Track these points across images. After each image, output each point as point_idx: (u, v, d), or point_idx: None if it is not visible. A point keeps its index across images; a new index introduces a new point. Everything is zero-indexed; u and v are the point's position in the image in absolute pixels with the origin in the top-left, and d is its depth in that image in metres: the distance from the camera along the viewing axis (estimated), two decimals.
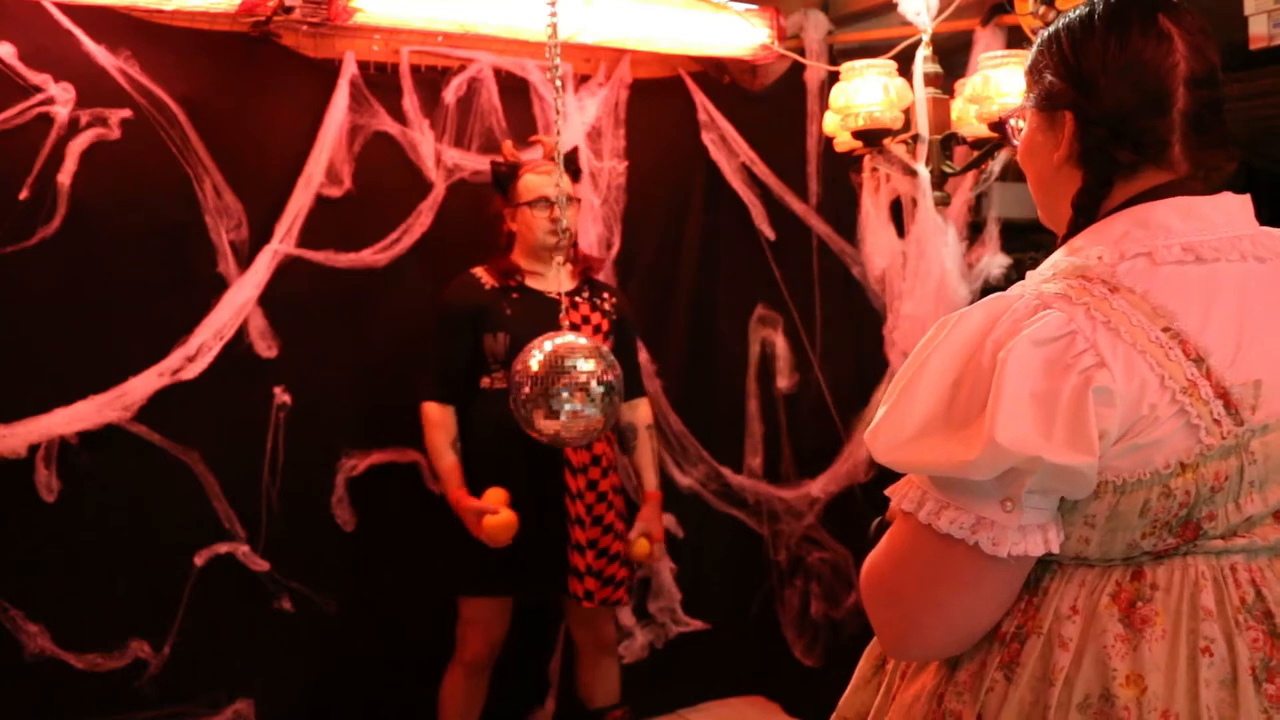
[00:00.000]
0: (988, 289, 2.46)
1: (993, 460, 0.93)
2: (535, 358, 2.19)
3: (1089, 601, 1.01)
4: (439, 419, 2.60)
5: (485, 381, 2.60)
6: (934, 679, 1.09)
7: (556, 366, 2.18)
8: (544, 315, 2.53)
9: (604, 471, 2.65)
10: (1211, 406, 0.96)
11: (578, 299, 2.66)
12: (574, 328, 2.51)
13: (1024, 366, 0.95)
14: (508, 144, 2.73)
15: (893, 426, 1.01)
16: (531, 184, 2.62)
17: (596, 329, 2.64)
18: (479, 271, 2.67)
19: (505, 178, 2.67)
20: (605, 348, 2.30)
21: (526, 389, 2.18)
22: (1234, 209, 1.07)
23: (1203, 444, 0.96)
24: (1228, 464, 0.98)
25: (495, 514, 2.47)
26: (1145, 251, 1.01)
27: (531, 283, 2.67)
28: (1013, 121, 1.21)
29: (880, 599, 1.08)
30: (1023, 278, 1.07)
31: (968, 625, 1.04)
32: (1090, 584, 1.02)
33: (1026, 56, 1.17)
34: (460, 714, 2.67)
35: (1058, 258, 1.06)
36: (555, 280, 2.63)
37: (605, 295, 2.75)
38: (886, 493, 1.07)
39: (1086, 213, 1.08)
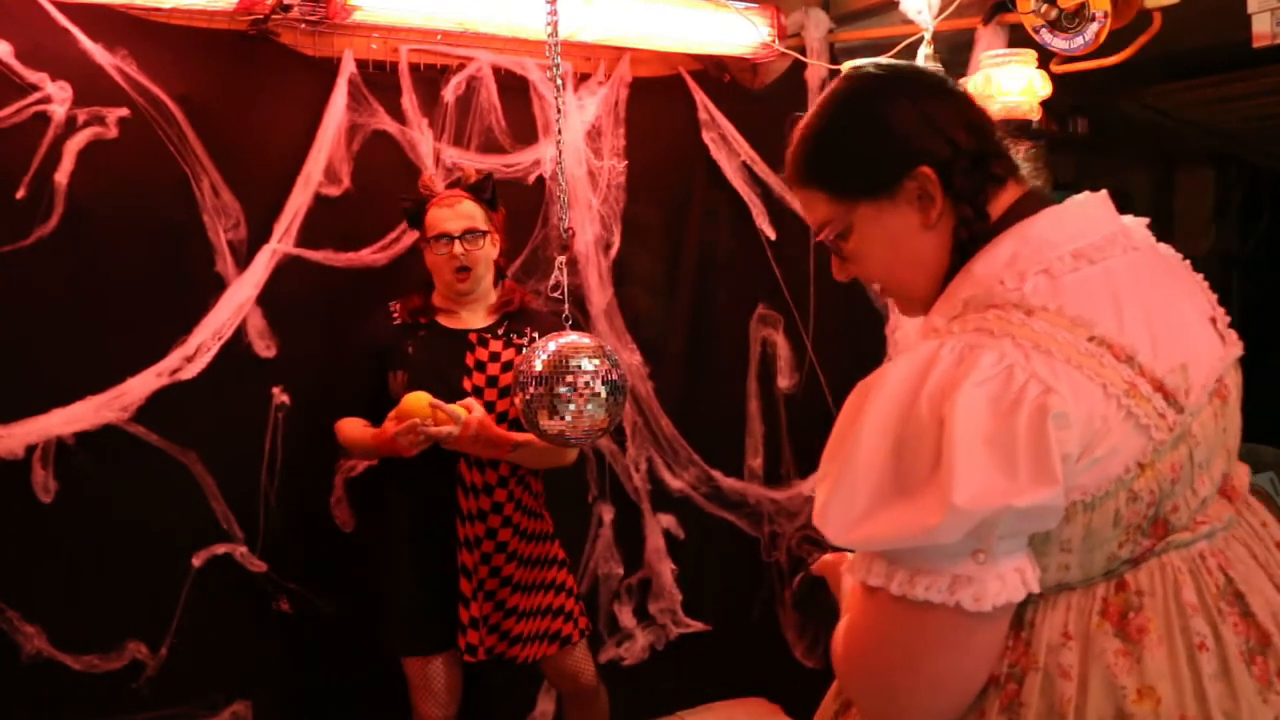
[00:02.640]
0: None
1: (957, 520, 0.90)
2: (539, 358, 2.18)
3: (1080, 624, 0.98)
4: (344, 425, 2.49)
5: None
6: None
7: (560, 366, 2.17)
8: (447, 355, 2.43)
9: (504, 520, 2.45)
10: (1154, 402, 0.96)
11: (488, 335, 2.48)
12: (479, 366, 2.43)
13: (970, 413, 0.91)
14: (425, 175, 2.61)
15: (841, 506, 0.96)
16: (434, 219, 2.43)
17: (506, 366, 2.46)
18: (395, 305, 2.51)
19: (415, 214, 2.48)
20: (609, 347, 2.28)
21: (530, 389, 2.16)
22: (1098, 206, 1.08)
23: (1154, 440, 0.96)
24: (1179, 453, 0.98)
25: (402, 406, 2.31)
26: (1042, 268, 1.01)
27: (444, 320, 2.50)
28: (834, 239, 1.14)
29: (863, 679, 1.03)
30: None
31: (962, 688, 1.00)
32: (1077, 606, 0.99)
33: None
34: None
35: (957, 297, 1.04)
36: (475, 316, 2.50)
37: (527, 330, 2.50)
38: (843, 570, 1.04)
39: (974, 243, 1.07)
